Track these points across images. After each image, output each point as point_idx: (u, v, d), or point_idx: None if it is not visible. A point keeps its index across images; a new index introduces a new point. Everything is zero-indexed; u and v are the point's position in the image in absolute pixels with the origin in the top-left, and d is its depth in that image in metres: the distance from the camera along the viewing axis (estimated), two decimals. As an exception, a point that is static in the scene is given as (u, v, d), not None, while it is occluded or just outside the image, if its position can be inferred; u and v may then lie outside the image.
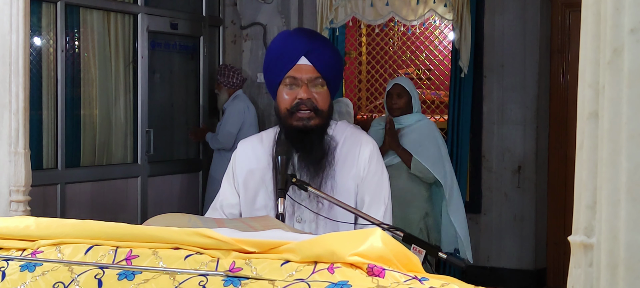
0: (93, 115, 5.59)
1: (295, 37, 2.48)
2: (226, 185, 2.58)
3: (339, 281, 1.42)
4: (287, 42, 2.47)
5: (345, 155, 2.48)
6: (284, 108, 2.42)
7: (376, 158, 2.52)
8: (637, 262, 1.17)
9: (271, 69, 2.48)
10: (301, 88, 2.39)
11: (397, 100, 4.83)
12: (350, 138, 2.52)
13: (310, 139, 2.41)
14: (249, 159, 2.54)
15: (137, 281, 1.51)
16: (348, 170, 2.46)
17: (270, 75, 2.48)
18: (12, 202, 2.76)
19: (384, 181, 2.52)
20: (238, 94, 6.20)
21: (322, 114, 2.42)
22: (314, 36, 2.54)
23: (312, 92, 2.40)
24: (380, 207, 2.47)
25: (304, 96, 2.39)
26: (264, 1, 6.63)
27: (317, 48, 2.43)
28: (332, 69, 2.45)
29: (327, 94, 2.45)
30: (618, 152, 1.19)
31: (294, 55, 2.41)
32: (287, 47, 2.44)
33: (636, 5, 1.17)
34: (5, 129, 2.75)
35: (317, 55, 2.41)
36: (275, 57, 2.47)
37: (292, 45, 2.43)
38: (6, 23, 2.72)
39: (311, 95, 2.40)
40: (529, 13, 6.16)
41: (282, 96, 2.43)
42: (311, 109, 2.39)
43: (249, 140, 2.64)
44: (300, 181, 2.28)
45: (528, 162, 6.24)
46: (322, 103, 2.42)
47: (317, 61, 2.41)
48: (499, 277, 6.22)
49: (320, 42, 2.49)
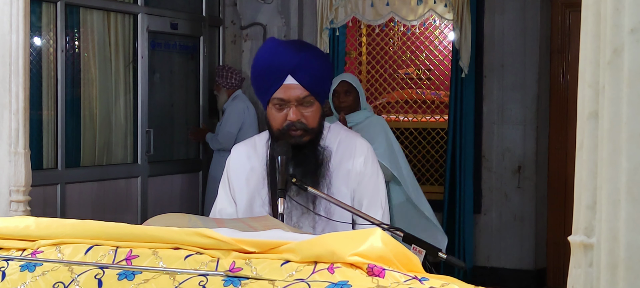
0: (93, 115, 5.59)
1: (280, 54, 2.38)
2: (222, 193, 2.57)
3: (339, 281, 1.42)
4: (273, 58, 2.37)
5: (339, 161, 2.46)
6: (276, 128, 2.39)
7: (371, 161, 2.49)
8: (637, 262, 1.17)
9: (258, 85, 2.42)
10: (290, 109, 2.34)
11: (344, 98, 4.67)
12: (344, 142, 2.50)
13: (303, 154, 2.39)
14: (243, 165, 2.53)
15: (137, 281, 1.51)
16: (343, 176, 2.45)
17: (258, 91, 2.44)
18: (12, 202, 2.76)
19: (380, 184, 2.50)
20: (237, 94, 6.20)
21: (313, 130, 2.39)
22: (300, 50, 2.41)
23: (302, 112, 2.35)
24: (378, 210, 2.46)
25: (294, 118, 2.34)
26: (264, 1, 6.63)
27: (304, 64, 2.35)
28: (321, 82, 2.39)
29: (317, 108, 2.40)
30: (618, 152, 1.19)
31: (280, 74, 2.34)
32: (272, 65, 2.36)
33: (636, 5, 1.17)
34: (5, 129, 2.75)
35: (304, 72, 2.34)
36: (261, 74, 2.40)
37: (278, 64, 2.35)
38: (6, 23, 2.72)
39: (301, 116, 2.35)
40: (529, 13, 6.16)
41: (272, 114, 2.38)
42: (302, 129, 2.36)
43: (242, 145, 2.62)
44: (300, 181, 2.28)
45: (528, 162, 6.24)
46: (312, 121, 2.38)
47: (304, 79, 2.34)
48: (499, 277, 6.22)
49: (305, 55, 2.38)
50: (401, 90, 7.96)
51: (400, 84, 8.03)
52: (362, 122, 4.62)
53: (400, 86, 8.02)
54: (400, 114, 7.58)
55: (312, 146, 2.41)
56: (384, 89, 7.81)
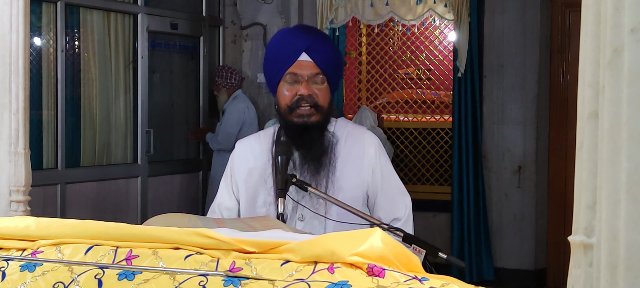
0: (93, 115, 5.59)
1: (295, 34, 2.47)
2: (223, 188, 2.57)
3: (339, 281, 1.41)
4: (287, 38, 2.46)
5: (347, 152, 2.47)
6: (285, 104, 2.41)
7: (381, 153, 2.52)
8: (637, 262, 1.17)
9: (271, 66, 2.47)
10: (301, 84, 2.39)
11: None
12: (352, 134, 2.51)
13: (310, 136, 2.40)
14: (247, 159, 2.53)
15: (137, 281, 1.51)
16: (351, 168, 2.45)
17: (270, 72, 2.47)
18: (12, 202, 2.75)
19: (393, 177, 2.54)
20: (237, 94, 6.20)
21: (322, 110, 2.41)
22: (314, 32, 2.53)
23: (313, 88, 2.40)
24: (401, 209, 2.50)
25: (305, 92, 2.38)
26: (264, 1, 6.63)
27: (318, 44, 2.42)
28: (333, 65, 2.44)
29: (328, 91, 2.44)
30: (618, 152, 1.19)
31: (295, 51, 2.40)
32: (287, 44, 2.43)
33: (636, 5, 1.17)
34: (5, 129, 2.75)
35: (318, 51, 2.41)
36: (275, 54, 2.45)
37: (293, 42, 2.42)
38: (6, 23, 2.72)
39: (312, 91, 2.39)
40: (529, 13, 6.16)
41: (282, 92, 2.42)
42: (312, 105, 2.39)
43: (246, 139, 2.63)
44: (300, 181, 2.27)
45: (528, 162, 6.24)
46: (322, 99, 2.41)
47: (317, 57, 2.40)
48: (499, 277, 6.22)
49: (320, 37, 2.48)
50: (401, 90, 7.96)
51: (400, 84, 8.03)
52: None
53: (400, 86, 8.02)
54: (401, 114, 7.58)
55: (319, 129, 2.43)
56: (384, 89, 7.81)
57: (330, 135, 2.47)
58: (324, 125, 2.45)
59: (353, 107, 7.71)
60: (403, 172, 7.14)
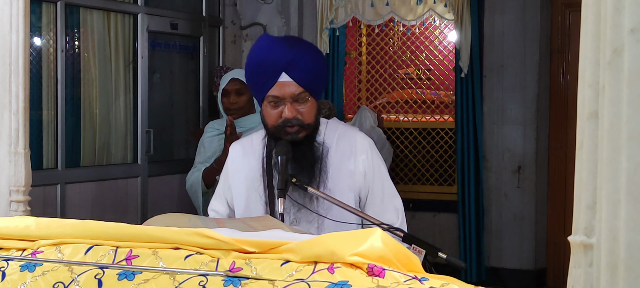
0: (93, 115, 5.58)
1: (273, 51, 2.37)
2: (217, 193, 2.59)
3: (339, 281, 1.41)
4: (266, 55, 2.36)
5: (340, 159, 2.44)
6: (271, 124, 2.38)
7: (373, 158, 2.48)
8: (637, 262, 1.17)
9: (252, 82, 2.42)
10: (286, 106, 2.33)
11: (236, 99, 4.03)
12: (343, 138, 2.48)
13: (300, 150, 2.38)
14: (240, 164, 2.53)
15: (137, 281, 1.51)
16: (343, 172, 2.43)
17: (253, 88, 2.43)
18: (12, 202, 2.75)
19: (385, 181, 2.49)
20: (238, 94, 6.20)
21: (309, 126, 2.38)
22: (292, 46, 2.40)
23: (297, 108, 2.35)
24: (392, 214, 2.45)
25: (289, 115, 2.33)
26: (264, 1, 6.63)
27: (297, 59, 2.33)
28: (316, 78, 2.38)
29: (313, 104, 2.39)
30: (618, 152, 1.19)
31: (274, 72, 2.32)
32: (265, 62, 2.35)
33: (636, 5, 1.17)
34: (5, 129, 2.75)
35: (298, 68, 2.33)
36: (255, 71, 2.39)
37: (271, 61, 2.34)
38: (6, 23, 2.72)
39: (296, 113, 2.34)
40: (529, 13, 6.16)
41: (267, 112, 2.38)
42: (298, 126, 2.35)
43: (238, 143, 2.63)
44: (300, 181, 2.27)
45: (528, 162, 6.24)
46: (308, 116, 2.37)
47: (298, 75, 2.33)
48: (499, 277, 6.22)
49: (298, 50, 2.37)
50: (401, 90, 7.96)
51: (400, 84, 8.03)
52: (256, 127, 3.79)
53: (400, 86, 8.02)
54: (401, 114, 7.58)
55: (308, 142, 2.40)
56: (384, 89, 7.81)
57: (319, 145, 2.43)
58: (312, 137, 2.42)
59: (353, 107, 7.71)
60: (403, 172, 7.14)
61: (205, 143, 4.12)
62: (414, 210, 6.58)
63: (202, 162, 4.05)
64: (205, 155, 4.06)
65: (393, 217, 2.43)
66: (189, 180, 4.07)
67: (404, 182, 7.03)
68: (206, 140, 4.11)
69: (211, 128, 4.17)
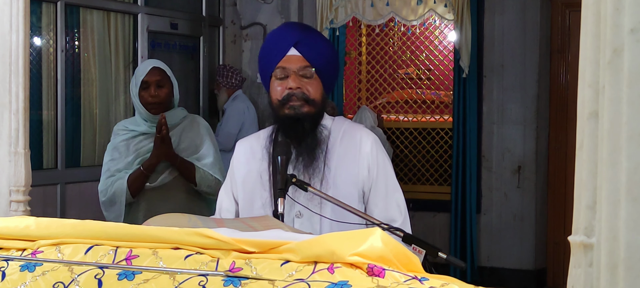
0: (93, 115, 5.59)
1: (286, 29, 2.51)
2: (223, 190, 2.60)
3: (339, 281, 1.41)
4: (278, 34, 2.48)
5: (343, 149, 2.45)
6: (276, 99, 2.41)
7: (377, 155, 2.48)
8: (637, 262, 1.17)
9: (263, 62, 2.49)
10: (290, 78, 2.39)
11: (157, 91, 3.47)
12: (348, 132, 2.49)
13: (302, 127, 2.40)
14: (247, 159, 2.54)
15: (137, 281, 1.51)
16: (347, 165, 2.44)
17: (263, 68, 2.49)
18: (12, 202, 2.75)
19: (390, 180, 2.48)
20: (238, 94, 6.20)
21: (313, 103, 2.41)
22: (305, 28, 2.55)
23: (302, 81, 2.39)
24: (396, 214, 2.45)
25: (293, 85, 2.38)
26: (264, 1, 6.63)
27: (308, 38, 2.43)
28: (323, 59, 2.44)
29: (319, 84, 2.43)
30: (618, 152, 1.19)
31: (284, 46, 2.42)
32: (277, 40, 2.45)
33: (636, 5, 1.17)
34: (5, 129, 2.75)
35: (307, 45, 2.41)
36: (267, 50, 2.47)
37: (283, 37, 2.44)
38: (6, 23, 2.72)
39: (301, 84, 2.39)
40: (529, 13, 6.16)
41: (274, 88, 2.43)
42: (302, 99, 2.38)
43: (246, 139, 2.64)
44: (300, 181, 2.27)
45: (528, 162, 6.24)
46: (313, 92, 2.41)
47: (306, 51, 2.41)
48: (499, 277, 6.22)
49: (310, 32, 2.50)
50: (401, 90, 7.96)
51: (400, 84, 8.03)
52: (180, 123, 3.56)
53: (400, 86, 8.02)
54: (400, 114, 7.58)
55: (311, 121, 2.42)
56: (384, 89, 7.82)
57: (324, 129, 2.46)
58: (316, 118, 2.44)
59: (353, 107, 7.71)
60: (403, 172, 7.14)
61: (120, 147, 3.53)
62: (414, 210, 6.58)
63: (121, 168, 3.49)
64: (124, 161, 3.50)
65: (396, 213, 2.45)
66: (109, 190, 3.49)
67: (404, 182, 7.04)
68: (120, 144, 3.53)
69: (124, 129, 3.57)
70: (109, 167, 3.55)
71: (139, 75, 3.49)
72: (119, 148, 3.54)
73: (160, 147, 3.37)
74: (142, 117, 3.50)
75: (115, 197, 3.48)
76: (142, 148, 3.49)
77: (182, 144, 3.51)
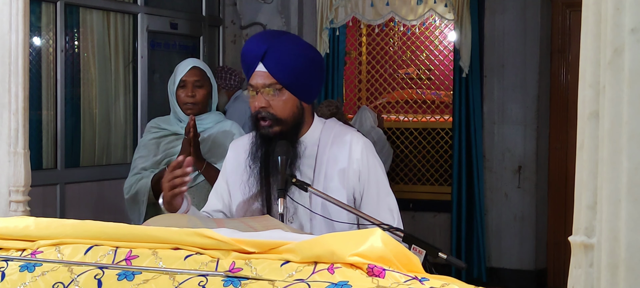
0: (93, 115, 5.58)
1: (253, 43, 2.38)
2: (214, 192, 2.58)
3: (339, 281, 1.41)
4: (247, 48, 2.39)
5: (334, 157, 2.41)
6: (252, 112, 2.38)
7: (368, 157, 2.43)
8: (637, 262, 1.17)
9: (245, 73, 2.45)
10: (258, 96, 2.33)
11: (194, 91, 3.39)
12: (339, 136, 2.45)
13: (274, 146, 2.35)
14: (237, 161, 2.53)
15: (137, 281, 1.51)
16: (337, 172, 2.40)
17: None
18: (11, 202, 2.75)
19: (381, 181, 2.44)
20: (238, 95, 6.19)
21: (283, 122, 2.34)
22: (272, 37, 2.39)
23: (268, 100, 2.32)
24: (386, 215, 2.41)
25: (257, 105, 2.32)
26: (264, 1, 6.63)
27: (274, 52, 2.32)
28: (291, 73, 2.33)
29: (288, 100, 2.34)
30: (618, 152, 1.18)
31: (252, 61, 2.34)
32: (246, 54, 2.37)
33: (636, 5, 1.17)
34: (5, 129, 2.74)
35: (273, 60, 2.31)
36: (242, 61, 2.42)
37: (250, 52, 2.35)
38: (6, 23, 2.72)
39: (266, 103, 2.32)
40: (529, 13, 6.16)
41: (250, 102, 2.38)
42: (271, 119, 2.33)
43: (238, 141, 2.64)
44: (300, 181, 2.27)
45: (528, 162, 6.24)
46: (280, 111, 2.33)
47: (272, 66, 2.31)
48: (499, 277, 6.22)
49: (276, 42, 2.35)
50: (401, 90, 7.96)
51: (401, 84, 8.03)
52: (213, 127, 3.45)
53: (400, 86, 8.02)
54: (401, 114, 7.58)
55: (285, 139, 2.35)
56: (384, 89, 7.82)
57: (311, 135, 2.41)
58: (289, 135, 2.36)
59: (353, 107, 7.71)
60: (403, 172, 7.14)
61: (150, 145, 3.46)
62: (414, 210, 6.58)
63: (147, 167, 3.41)
64: (152, 160, 3.42)
65: (388, 217, 2.39)
66: (132, 188, 3.41)
67: (404, 182, 7.03)
68: (150, 142, 3.46)
69: (155, 127, 3.50)
70: (136, 165, 3.46)
71: (178, 73, 3.40)
72: (148, 146, 3.45)
73: (187, 149, 3.20)
74: (176, 116, 3.41)
75: (138, 195, 3.39)
76: (172, 148, 3.38)
77: (211, 149, 3.37)
